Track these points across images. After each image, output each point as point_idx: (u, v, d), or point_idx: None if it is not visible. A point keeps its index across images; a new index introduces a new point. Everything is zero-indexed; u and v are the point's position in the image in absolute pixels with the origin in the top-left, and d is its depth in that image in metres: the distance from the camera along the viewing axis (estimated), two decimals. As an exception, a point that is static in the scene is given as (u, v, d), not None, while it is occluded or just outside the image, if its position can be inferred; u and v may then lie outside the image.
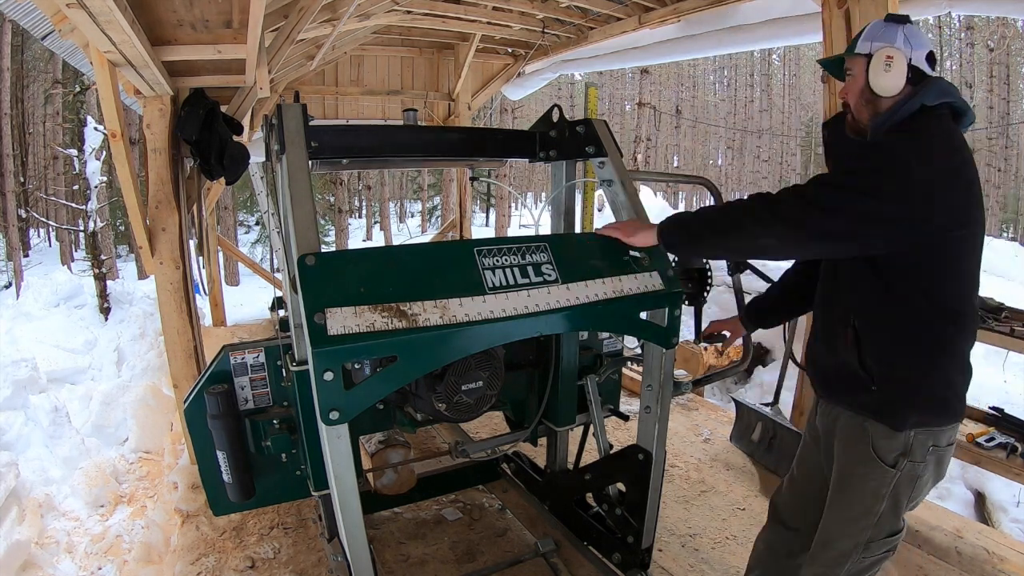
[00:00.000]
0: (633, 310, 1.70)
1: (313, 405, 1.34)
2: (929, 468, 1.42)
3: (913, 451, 1.38)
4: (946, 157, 1.31)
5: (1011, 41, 18.72)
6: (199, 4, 2.12)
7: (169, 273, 2.82)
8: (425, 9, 4.22)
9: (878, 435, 1.41)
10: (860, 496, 1.44)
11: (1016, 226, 22.35)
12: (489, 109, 16.15)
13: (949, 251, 1.32)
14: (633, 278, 1.68)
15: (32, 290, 6.76)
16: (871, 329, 1.41)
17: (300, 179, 1.51)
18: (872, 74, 1.40)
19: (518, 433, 2.30)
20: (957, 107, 1.39)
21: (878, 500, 1.41)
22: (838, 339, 1.46)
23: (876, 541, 1.44)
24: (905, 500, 1.42)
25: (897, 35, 1.39)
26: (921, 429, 1.38)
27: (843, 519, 1.48)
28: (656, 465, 1.90)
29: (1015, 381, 5.25)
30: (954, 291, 1.36)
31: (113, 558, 3.09)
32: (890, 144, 1.36)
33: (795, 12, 3.33)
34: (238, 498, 1.93)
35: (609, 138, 1.96)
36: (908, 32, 1.39)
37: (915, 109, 1.36)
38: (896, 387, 1.39)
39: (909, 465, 1.39)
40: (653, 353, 1.86)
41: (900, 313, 1.37)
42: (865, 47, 1.42)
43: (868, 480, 1.42)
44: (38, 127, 17.29)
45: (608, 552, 2.13)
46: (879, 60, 1.39)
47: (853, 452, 1.46)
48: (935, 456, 1.41)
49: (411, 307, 1.37)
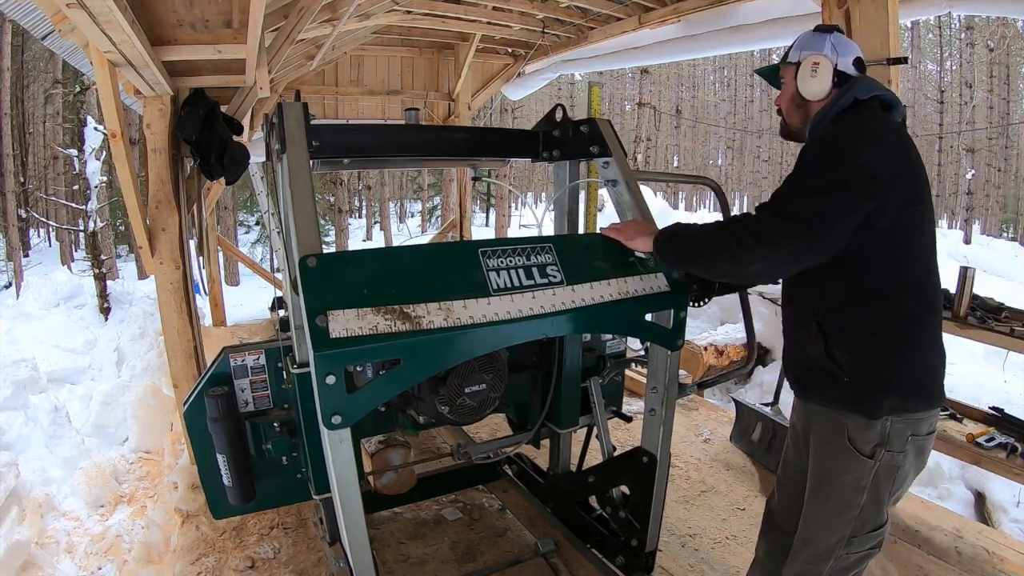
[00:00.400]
0: (638, 312, 1.68)
1: (314, 408, 1.33)
2: (909, 458, 1.41)
3: (891, 440, 1.38)
4: (885, 140, 1.36)
5: (1011, 41, 18.72)
6: (199, 4, 2.11)
7: (169, 273, 2.81)
8: (425, 9, 4.21)
9: (853, 427, 1.41)
10: (839, 490, 1.43)
11: (1016, 226, 22.35)
12: (489, 109, 16.14)
13: (905, 228, 1.35)
14: (638, 279, 1.66)
15: (32, 290, 6.77)
16: (836, 320, 1.42)
17: (301, 179, 1.49)
18: (800, 80, 1.49)
19: (521, 435, 2.28)
20: (886, 100, 1.44)
21: (858, 493, 1.41)
22: (805, 335, 1.47)
23: (859, 536, 1.43)
24: (886, 492, 1.42)
25: (824, 43, 1.47)
26: (898, 417, 1.37)
27: (823, 515, 1.47)
28: (661, 468, 1.88)
29: (1015, 381, 5.26)
30: (915, 267, 1.38)
31: (113, 558, 3.08)
32: (831, 137, 1.40)
33: (795, 12, 3.33)
34: (238, 501, 1.91)
35: (613, 138, 1.95)
36: (835, 40, 1.47)
37: (848, 104, 1.42)
38: (868, 375, 1.39)
39: (887, 455, 1.38)
40: (658, 355, 1.84)
41: (863, 299, 1.38)
42: (795, 56, 1.51)
43: (846, 473, 1.42)
44: (38, 127, 17.27)
45: (612, 555, 2.11)
46: (806, 67, 1.47)
47: (829, 446, 1.46)
48: (915, 445, 1.40)
49: (414, 309, 1.35)
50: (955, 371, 5.50)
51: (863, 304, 1.38)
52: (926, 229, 1.39)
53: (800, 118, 1.54)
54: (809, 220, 1.32)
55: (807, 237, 1.33)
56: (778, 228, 1.34)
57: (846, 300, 1.40)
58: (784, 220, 1.34)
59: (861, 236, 1.32)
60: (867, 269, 1.36)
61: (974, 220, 19.41)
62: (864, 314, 1.39)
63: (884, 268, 1.36)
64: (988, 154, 19.63)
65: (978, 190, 19.73)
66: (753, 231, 1.36)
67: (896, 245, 1.35)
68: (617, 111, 31.10)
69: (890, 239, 1.34)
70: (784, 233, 1.34)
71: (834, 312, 1.42)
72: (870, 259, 1.35)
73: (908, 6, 2.82)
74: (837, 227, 1.31)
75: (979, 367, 5.68)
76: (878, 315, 1.38)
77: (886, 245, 1.34)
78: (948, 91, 22.06)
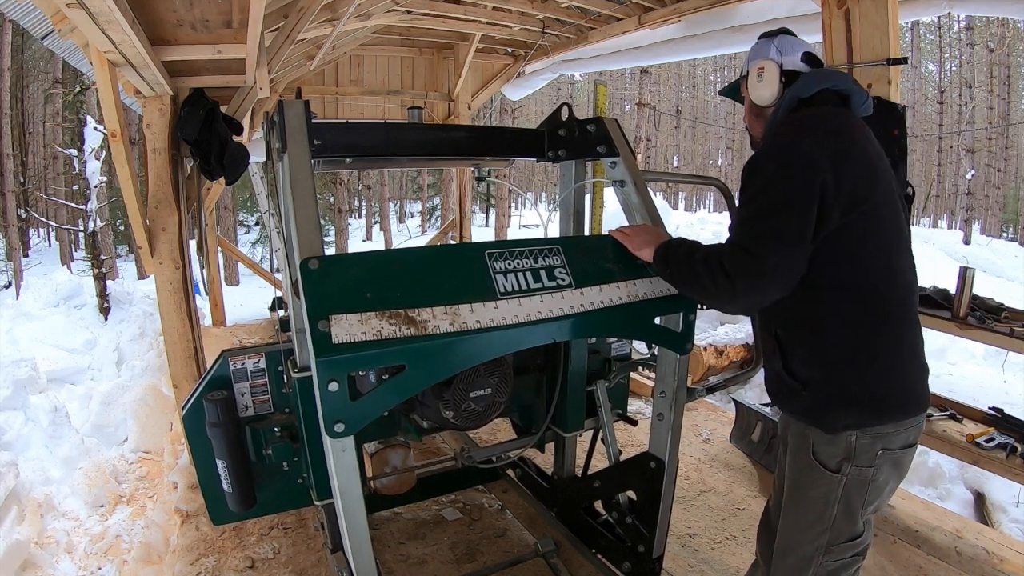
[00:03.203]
0: (648, 315, 1.65)
1: (316, 412, 1.30)
2: (882, 472, 1.35)
3: (857, 455, 1.32)
4: (825, 138, 1.28)
5: (1011, 41, 18.74)
6: (199, 4, 2.11)
7: (169, 273, 2.81)
8: (425, 9, 4.21)
9: (817, 441, 1.37)
10: (809, 503, 1.40)
11: (1016, 226, 22.36)
12: (489, 109, 16.16)
13: (855, 229, 1.28)
14: (647, 282, 1.62)
15: (32, 290, 6.78)
16: (792, 334, 1.39)
17: (302, 178, 1.46)
18: (750, 89, 1.48)
19: (526, 439, 2.26)
20: (838, 90, 1.39)
21: (827, 506, 1.36)
22: (766, 349, 1.44)
23: (836, 545, 1.39)
24: (859, 505, 1.36)
25: (769, 48, 1.46)
26: (862, 431, 1.32)
27: (797, 526, 1.44)
28: (669, 473, 1.85)
29: (1015, 381, 5.26)
30: (870, 270, 1.30)
31: (113, 558, 3.08)
32: (767, 152, 1.34)
33: (795, 12, 3.32)
34: (238, 508, 1.87)
35: (621, 137, 1.91)
36: (779, 43, 1.45)
37: (793, 105, 1.39)
38: (824, 389, 1.34)
39: (855, 470, 1.33)
40: (667, 359, 1.81)
41: (817, 311, 1.34)
42: (745, 68, 1.50)
43: (814, 487, 1.38)
44: (38, 127, 17.27)
45: (618, 561, 2.08)
46: (752, 75, 1.46)
47: (797, 459, 1.43)
48: (889, 459, 1.34)
49: (420, 313, 1.31)
50: (955, 371, 5.52)
51: (818, 318, 1.33)
52: (884, 227, 1.31)
53: (761, 127, 1.50)
54: (775, 248, 1.25)
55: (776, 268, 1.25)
56: (747, 264, 1.26)
57: (800, 312, 1.35)
58: (749, 256, 1.26)
59: (815, 240, 1.27)
60: (821, 278, 1.30)
61: (974, 220, 19.41)
62: (819, 328, 1.34)
63: (835, 277, 1.30)
64: (988, 154, 19.62)
65: (978, 190, 19.73)
66: (727, 272, 1.29)
67: (845, 250, 1.29)
68: (617, 111, 31.05)
69: (840, 244, 1.28)
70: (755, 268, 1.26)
71: (789, 325, 1.38)
72: (823, 268, 1.29)
73: (908, 6, 2.82)
74: (801, 242, 1.25)
75: (979, 367, 5.69)
76: (831, 327, 1.33)
77: (836, 251, 1.29)
78: (948, 91, 22.07)
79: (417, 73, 5.87)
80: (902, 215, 1.38)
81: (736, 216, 1.36)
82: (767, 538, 1.65)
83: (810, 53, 1.45)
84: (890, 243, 1.33)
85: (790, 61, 1.43)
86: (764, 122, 1.48)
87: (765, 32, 1.52)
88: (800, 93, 1.38)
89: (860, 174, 1.28)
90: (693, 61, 27.67)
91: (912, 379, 1.37)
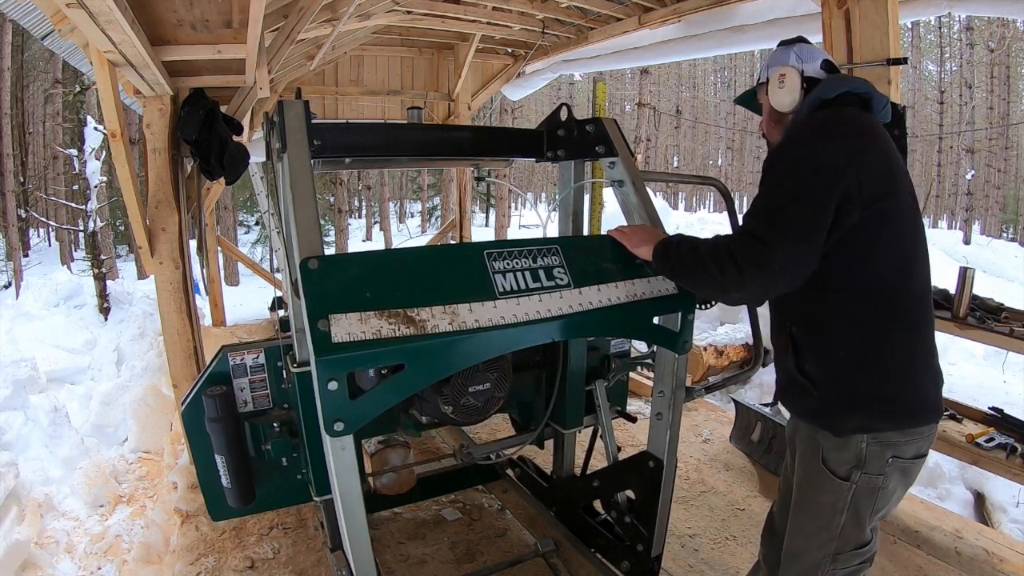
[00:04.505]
0: (646, 315, 1.66)
1: (315, 408, 1.30)
2: (892, 480, 1.34)
3: (867, 463, 1.32)
4: (843, 130, 1.30)
5: (1011, 41, 18.74)
6: (199, 4, 2.11)
7: (169, 273, 2.81)
8: (425, 9, 4.21)
9: (828, 447, 1.36)
10: (817, 510, 1.39)
11: (1016, 226, 22.36)
12: (489, 109, 16.15)
13: (869, 228, 1.28)
14: (646, 282, 1.63)
15: (32, 290, 6.78)
16: (807, 332, 1.38)
17: (302, 178, 1.47)
18: (771, 95, 1.48)
19: (524, 435, 2.27)
20: (859, 93, 1.39)
21: (836, 514, 1.36)
22: (782, 345, 1.44)
23: (844, 553, 1.39)
24: (867, 513, 1.36)
25: (789, 55, 1.47)
26: (872, 436, 1.31)
27: (805, 533, 1.43)
28: (668, 473, 1.85)
29: (1015, 381, 5.26)
30: (884, 271, 1.30)
31: (113, 558, 3.08)
32: (787, 142, 1.36)
33: (795, 12, 3.33)
34: (237, 503, 1.88)
35: (620, 137, 1.91)
36: (799, 50, 1.47)
37: (815, 106, 1.40)
38: (833, 389, 1.34)
39: (865, 478, 1.32)
40: (665, 359, 1.81)
41: (833, 309, 1.33)
42: (764, 75, 1.51)
43: (823, 494, 1.38)
44: (38, 127, 17.28)
45: (617, 560, 2.08)
46: (774, 81, 1.47)
47: (807, 465, 1.43)
48: (898, 468, 1.33)
49: (419, 313, 1.32)
50: (955, 371, 5.52)
51: (833, 316, 1.33)
52: (899, 228, 1.31)
53: (780, 134, 1.50)
54: (786, 237, 1.25)
55: (786, 259, 1.25)
56: (757, 252, 1.26)
57: (815, 311, 1.35)
58: (760, 243, 1.26)
59: (830, 239, 1.27)
60: (834, 278, 1.30)
61: (974, 220, 19.42)
62: (833, 327, 1.34)
63: (848, 277, 1.30)
64: (988, 154, 19.63)
65: (978, 190, 19.74)
66: (735, 259, 1.28)
67: (859, 250, 1.29)
68: (617, 111, 31.08)
69: (854, 244, 1.28)
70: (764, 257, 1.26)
71: (804, 323, 1.38)
72: (836, 267, 1.29)
73: (908, 6, 2.82)
74: (814, 237, 1.25)
75: (979, 367, 5.69)
76: (842, 328, 1.32)
77: (850, 251, 1.29)
78: (948, 91, 22.07)
79: (417, 73, 5.88)
80: (919, 216, 1.39)
81: (750, 207, 1.36)
82: (772, 543, 1.64)
83: (829, 60, 1.47)
84: (904, 244, 1.33)
85: (811, 68, 1.44)
86: (783, 128, 1.49)
87: (784, 40, 1.53)
88: (823, 95, 1.39)
89: (878, 174, 1.28)
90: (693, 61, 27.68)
91: (924, 384, 1.35)
